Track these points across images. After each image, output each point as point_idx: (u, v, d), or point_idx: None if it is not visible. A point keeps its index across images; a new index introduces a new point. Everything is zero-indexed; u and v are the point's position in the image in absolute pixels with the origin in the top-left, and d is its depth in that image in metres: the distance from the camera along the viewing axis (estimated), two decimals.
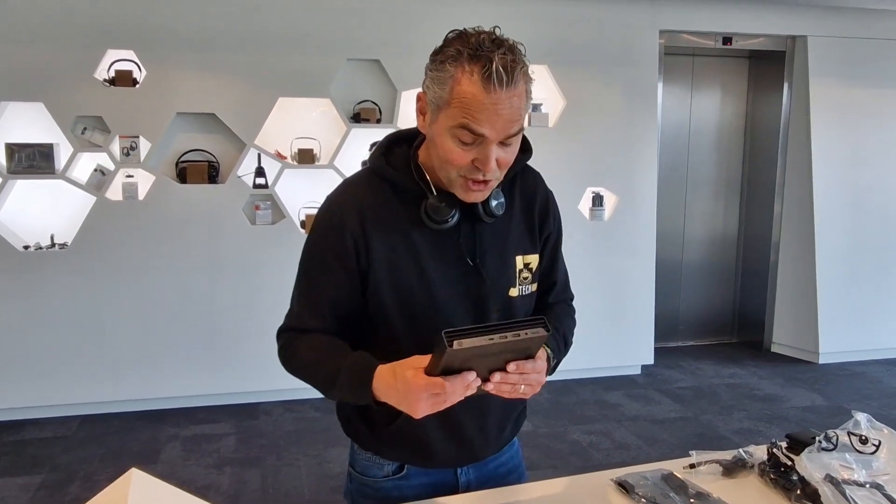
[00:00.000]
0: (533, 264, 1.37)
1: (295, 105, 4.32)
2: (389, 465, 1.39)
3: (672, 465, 1.45)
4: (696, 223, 5.65)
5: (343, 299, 1.29)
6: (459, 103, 1.12)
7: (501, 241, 1.33)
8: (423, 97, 1.20)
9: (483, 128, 1.13)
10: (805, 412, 4.20)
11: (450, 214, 1.24)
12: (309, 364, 1.29)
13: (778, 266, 5.36)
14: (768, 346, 5.44)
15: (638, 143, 4.79)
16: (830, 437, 1.37)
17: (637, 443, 3.74)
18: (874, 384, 4.73)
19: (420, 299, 1.27)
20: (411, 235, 1.27)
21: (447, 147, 1.17)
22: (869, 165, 5.14)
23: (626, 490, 1.35)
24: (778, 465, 1.37)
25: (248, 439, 3.75)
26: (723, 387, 4.64)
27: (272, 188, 4.22)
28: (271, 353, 1.46)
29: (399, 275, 1.27)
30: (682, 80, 5.44)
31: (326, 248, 1.28)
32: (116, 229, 4.03)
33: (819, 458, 1.33)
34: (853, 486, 1.28)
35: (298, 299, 1.33)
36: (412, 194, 1.27)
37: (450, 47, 1.14)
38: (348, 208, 1.27)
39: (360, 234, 1.26)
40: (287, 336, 1.34)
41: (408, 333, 1.29)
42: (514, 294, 1.34)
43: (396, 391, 1.13)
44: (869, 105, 5.11)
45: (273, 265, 4.19)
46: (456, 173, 1.19)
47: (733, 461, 1.44)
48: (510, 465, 1.50)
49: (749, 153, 5.62)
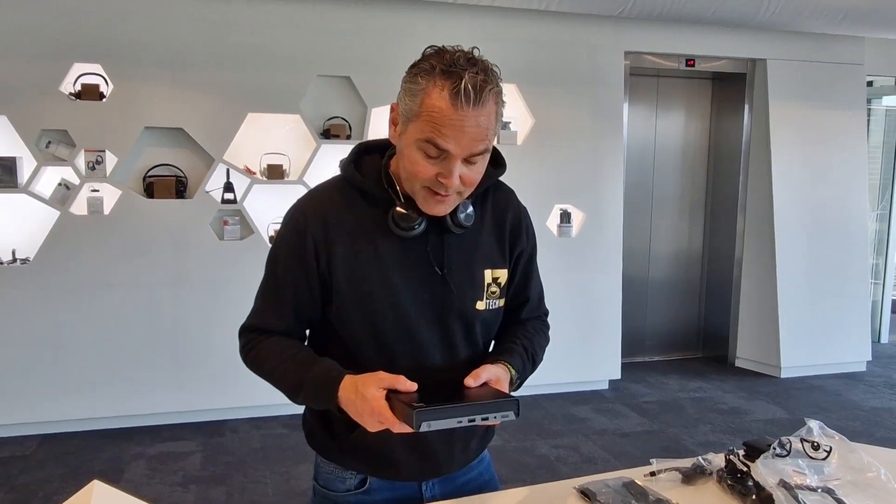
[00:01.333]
0: (502, 279, 1.38)
1: (265, 120, 4.33)
2: (352, 478, 1.39)
3: (633, 473, 1.48)
4: (662, 240, 5.75)
5: (304, 302, 1.32)
6: (428, 117, 1.15)
7: (469, 253, 1.34)
8: (395, 108, 1.23)
9: (448, 143, 1.15)
10: (767, 425, 4.28)
11: (416, 222, 1.26)
12: (274, 368, 1.31)
13: (741, 282, 5.47)
14: (732, 360, 5.54)
15: (605, 161, 4.88)
16: (784, 443, 1.42)
17: (604, 456, 3.78)
18: (833, 397, 4.84)
19: (382, 306, 1.29)
20: (377, 242, 1.29)
21: (413, 158, 1.19)
22: (827, 184, 5.29)
23: (588, 497, 1.37)
24: (735, 471, 1.41)
25: (214, 457, 3.70)
26: (688, 400, 4.71)
27: (241, 203, 4.21)
28: (238, 370, 1.46)
29: (361, 280, 1.28)
30: (648, 100, 5.56)
31: (289, 251, 1.30)
32: (81, 244, 3.98)
33: (773, 463, 1.37)
34: (806, 490, 1.32)
35: (263, 300, 1.36)
36: (381, 202, 1.29)
37: (425, 62, 1.18)
38: (312, 213, 1.30)
39: (321, 238, 1.28)
40: (249, 336, 1.36)
41: (369, 342, 1.30)
42: (480, 307, 1.35)
43: (355, 406, 1.17)
44: (826, 126, 5.27)
45: (240, 281, 4.16)
46: (419, 185, 1.22)
47: (692, 468, 1.48)
48: (481, 481, 1.50)
49: (712, 171, 5.75)
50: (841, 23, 4.51)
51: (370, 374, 1.18)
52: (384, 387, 1.15)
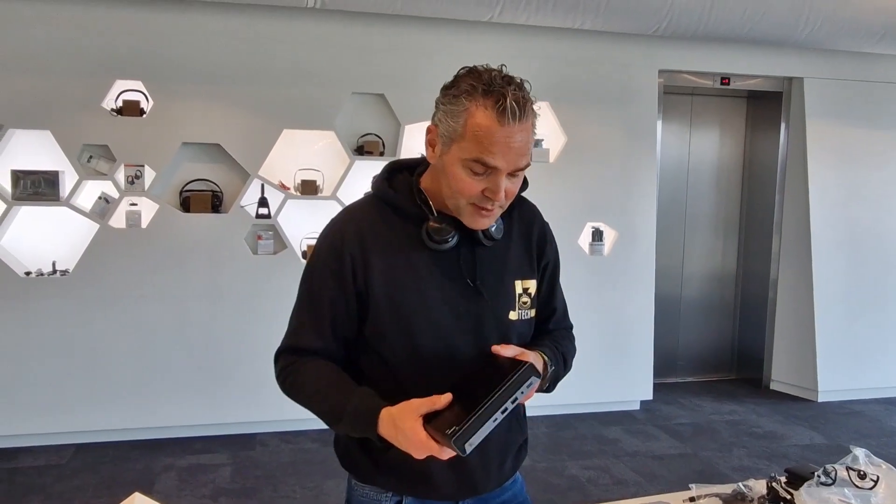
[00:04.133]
0: (532, 290, 1.40)
1: (299, 137, 4.38)
2: (387, 500, 1.38)
3: (672, 499, 1.46)
4: (695, 259, 5.67)
5: (341, 320, 1.32)
6: (473, 136, 1.17)
7: (500, 265, 1.36)
8: (433, 130, 1.25)
9: (495, 160, 1.18)
10: (805, 450, 4.18)
11: (450, 234, 1.29)
12: (311, 395, 1.31)
13: (776, 303, 5.37)
14: (767, 383, 5.43)
15: (637, 179, 4.84)
16: (829, 471, 1.38)
17: (636, 479, 3.72)
18: (873, 423, 4.71)
19: (419, 319, 1.30)
20: (411, 256, 1.30)
21: (459, 177, 1.21)
22: (865, 204, 5.19)
23: None
24: (777, 499, 1.38)
25: (245, 470, 3.72)
26: (722, 423, 4.62)
27: (274, 218, 4.26)
28: (269, 384, 1.47)
29: (398, 295, 1.29)
30: (681, 119, 5.51)
31: (325, 269, 1.32)
32: (118, 257, 4.05)
33: (818, 492, 1.33)
34: None
35: (298, 319, 1.36)
36: (413, 217, 1.31)
37: (463, 82, 1.20)
38: (348, 230, 1.31)
39: (358, 254, 1.29)
40: (286, 358, 1.36)
41: (406, 356, 1.30)
42: (513, 318, 1.36)
43: (398, 441, 1.19)
44: (864, 145, 5.18)
45: (273, 295, 4.20)
46: (465, 201, 1.24)
47: (733, 495, 1.45)
48: (515, 503, 1.48)
49: (747, 191, 5.68)
50: (879, 41, 4.44)
51: (404, 404, 1.18)
52: (421, 414, 1.16)
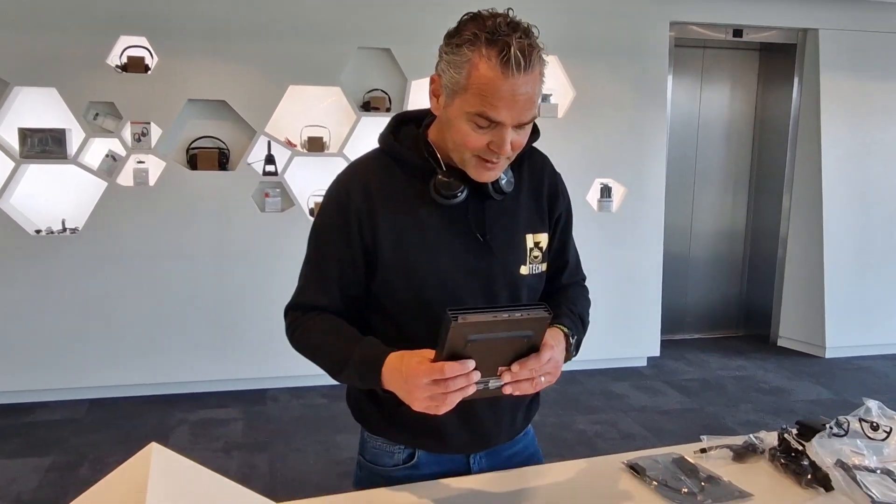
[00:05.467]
0: (543, 243, 1.37)
1: (305, 93, 4.33)
2: (400, 452, 1.39)
3: (683, 450, 1.47)
4: (704, 216, 5.64)
5: (349, 277, 1.31)
6: (477, 89, 1.13)
7: (510, 218, 1.34)
8: (437, 80, 1.21)
9: (500, 115, 1.14)
10: (811, 405, 4.20)
11: (459, 189, 1.26)
12: (318, 346, 1.31)
13: (785, 260, 5.35)
14: (775, 339, 5.44)
15: (647, 135, 4.78)
16: (842, 423, 1.38)
17: (643, 433, 3.76)
18: (881, 379, 4.73)
19: (428, 275, 1.28)
20: (419, 212, 1.28)
21: (463, 130, 1.18)
22: (878, 160, 5.12)
23: (638, 472, 1.36)
24: (789, 450, 1.38)
25: (256, 425, 3.78)
26: (729, 379, 4.65)
27: (281, 176, 4.24)
28: (279, 340, 1.47)
29: (406, 251, 1.27)
30: (692, 73, 5.42)
31: (332, 226, 1.30)
32: (127, 215, 4.05)
33: (830, 443, 1.34)
34: (864, 471, 1.29)
35: (306, 276, 1.35)
36: (421, 171, 1.28)
37: (466, 30, 1.15)
38: (354, 187, 1.29)
39: (365, 211, 1.27)
40: (294, 314, 1.35)
41: (415, 312, 1.29)
42: (524, 272, 1.35)
43: (400, 375, 1.14)
44: (879, 99, 5.08)
45: (281, 252, 4.21)
46: (470, 154, 1.21)
47: (744, 446, 1.45)
48: (526, 454, 1.49)
49: (758, 147, 5.61)
50: None
51: (416, 350, 1.15)
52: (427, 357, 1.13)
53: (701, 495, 1.28)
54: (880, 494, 1.23)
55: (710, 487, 1.31)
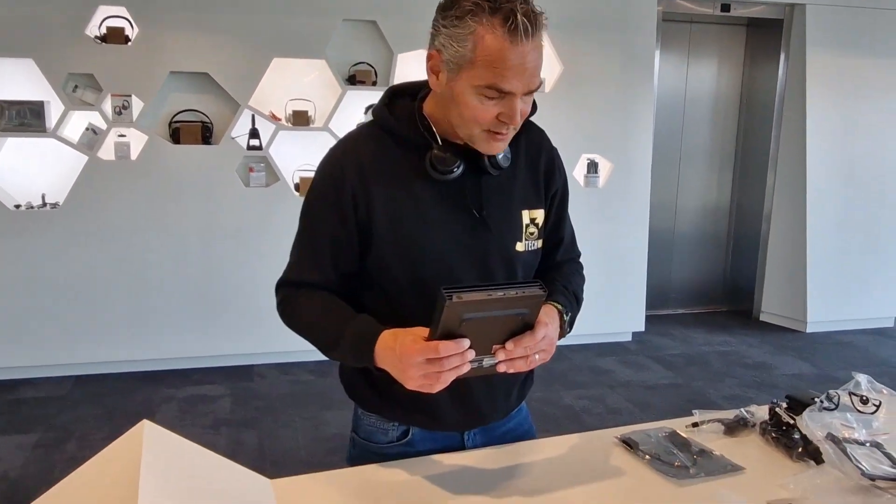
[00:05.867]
0: (539, 220, 1.36)
1: (290, 66, 4.26)
2: (394, 429, 1.38)
3: (675, 424, 1.48)
4: (690, 192, 5.66)
5: (342, 253, 1.29)
6: (485, 61, 1.10)
7: (507, 194, 1.32)
8: (436, 56, 1.17)
9: (510, 84, 1.11)
10: (794, 380, 4.26)
11: (455, 164, 1.24)
12: (311, 323, 1.29)
13: (769, 236, 5.39)
14: (757, 314, 5.50)
15: (634, 110, 4.77)
16: (832, 396, 1.40)
17: (629, 408, 3.79)
18: (861, 353, 4.81)
19: (423, 251, 1.26)
20: (414, 187, 1.26)
21: (471, 105, 1.15)
22: (863, 137, 5.15)
23: (631, 447, 1.37)
24: (779, 424, 1.39)
25: (244, 401, 3.77)
26: (713, 354, 4.70)
27: (266, 150, 4.18)
28: (266, 315, 1.45)
29: (401, 226, 1.25)
30: (679, 48, 5.40)
31: (325, 201, 1.27)
32: (108, 189, 3.99)
33: (820, 417, 1.35)
34: (854, 444, 1.30)
35: (298, 252, 1.33)
36: (416, 146, 1.26)
37: (464, 1, 1.11)
38: (348, 161, 1.26)
39: (359, 186, 1.24)
40: (286, 291, 1.33)
41: (410, 289, 1.28)
42: (520, 249, 1.33)
43: (394, 353, 1.13)
44: (865, 76, 5.10)
45: (266, 227, 4.17)
46: (479, 129, 1.18)
47: (735, 420, 1.47)
48: (520, 431, 1.49)
49: (744, 123, 5.62)
50: None
51: (410, 328, 1.14)
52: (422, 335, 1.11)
53: (693, 469, 1.29)
54: (870, 467, 1.24)
55: (702, 461, 1.32)
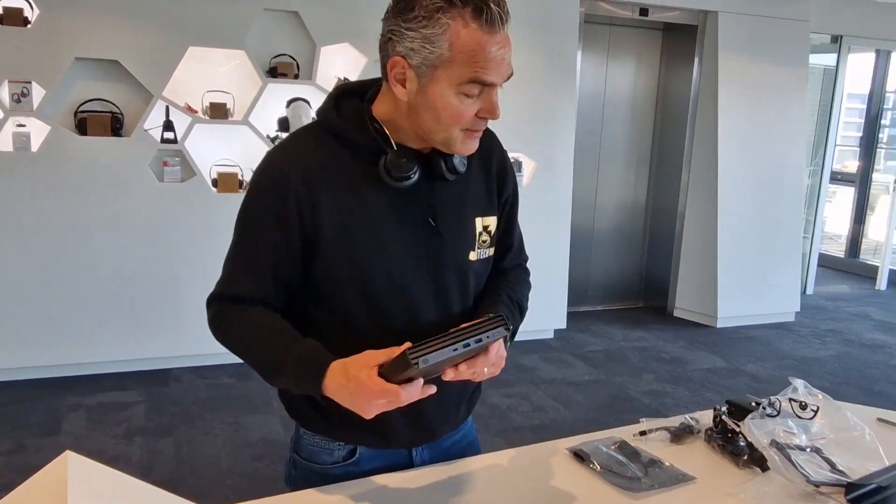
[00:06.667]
0: (491, 227, 1.32)
1: (207, 56, 4.07)
2: (340, 449, 1.31)
3: (623, 433, 1.48)
4: (608, 191, 5.79)
5: (284, 266, 1.20)
6: (464, 57, 1.06)
7: (459, 202, 1.27)
8: (400, 62, 1.10)
9: (492, 76, 1.08)
10: (707, 374, 4.43)
11: (412, 170, 1.17)
12: (249, 345, 1.21)
13: (683, 234, 5.58)
14: (671, 310, 5.70)
15: (557, 110, 4.83)
16: (773, 403, 1.43)
17: (554, 405, 3.84)
18: (766, 346, 5.05)
19: (375, 263, 1.20)
20: (365, 194, 1.19)
21: (451, 106, 1.10)
22: (769, 140, 5.40)
23: (583, 459, 1.35)
24: (724, 431, 1.42)
25: (159, 407, 3.58)
26: (631, 350, 4.82)
27: (182, 143, 3.99)
28: (182, 316, 1.36)
29: (350, 237, 1.18)
30: (599, 50, 5.51)
31: (266, 209, 1.18)
32: (7, 184, 3.70)
33: (764, 424, 1.37)
34: (796, 450, 1.33)
35: (234, 264, 1.23)
36: (366, 150, 1.19)
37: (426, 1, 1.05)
38: (292, 166, 1.17)
39: (304, 193, 1.16)
40: (219, 306, 1.23)
41: (360, 303, 1.21)
42: (472, 258, 1.29)
43: (348, 392, 1.07)
44: (771, 82, 5.35)
45: (182, 225, 3.98)
46: (458, 130, 1.13)
47: (681, 428, 1.48)
48: (465, 443, 1.46)
49: (660, 124, 5.79)
50: None
51: (358, 355, 1.08)
52: (376, 364, 1.06)
53: (646, 479, 1.29)
54: (813, 473, 1.27)
55: (653, 471, 1.32)
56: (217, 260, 1.26)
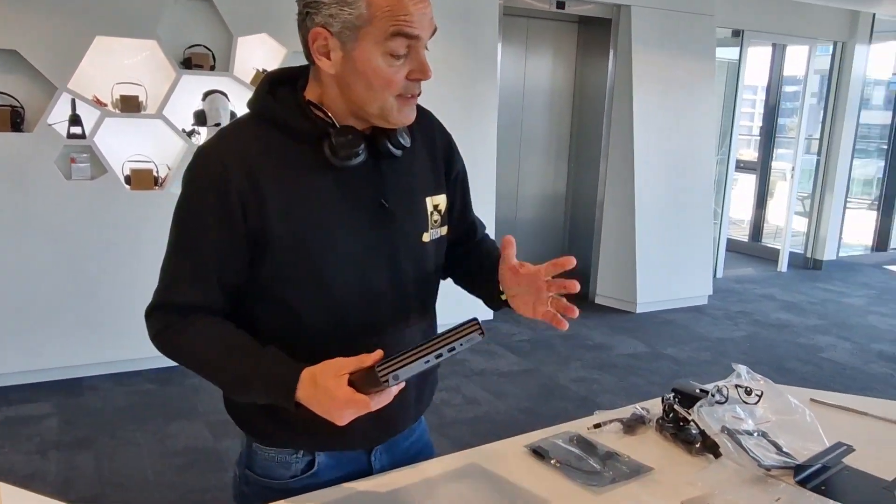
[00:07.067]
0: (442, 206, 1.30)
1: (116, 46, 3.86)
2: (297, 462, 1.27)
3: (577, 427, 1.49)
4: (529, 182, 5.87)
5: (229, 267, 1.14)
6: (384, 12, 1.05)
7: (408, 181, 1.24)
8: (322, 33, 1.08)
9: (416, 25, 1.06)
10: (630, 359, 4.56)
11: (359, 147, 1.13)
12: (207, 360, 1.14)
13: (602, 223, 5.72)
14: (593, 297, 5.84)
15: (480, 102, 4.84)
16: (721, 389, 1.47)
17: (487, 397, 3.86)
18: (684, 329, 5.25)
19: (329, 254, 1.16)
20: (312, 181, 1.14)
21: (379, 70, 1.08)
22: (681, 131, 5.60)
23: (542, 456, 1.35)
24: (676, 419, 1.45)
25: (75, 419, 3.38)
26: (557, 338, 4.91)
27: (90, 139, 3.76)
28: (93, 323, 1.28)
29: (302, 228, 1.13)
30: (518, 42, 5.56)
31: (207, 208, 1.12)
32: None
33: (713, 411, 1.41)
34: (745, 435, 1.38)
35: (175, 269, 1.16)
36: (307, 136, 1.14)
37: None
38: (231, 158, 1.11)
39: (247, 186, 1.10)
40: (164, 317, 1.16)
41: (315, 299, 1.17)
42: (426, 240, 1.27)
43: (318, 402, 1.04)
44: (681, 74, 5.54)
45: (94, 225, 3.76)
46: (391, 96, 1.11)
47: (633, 418, 1.50)
48: (421, 444, 1.45)
49: (578, 115, 5.91)
50: None
51: (327, 363, 1.04)
52: (345, 372, 1.02)
53: (606, 473, 1.30)
54: (763, 457, 1.31)
55: (611, 464, 1.34)
56: (134, 260, 1.19)
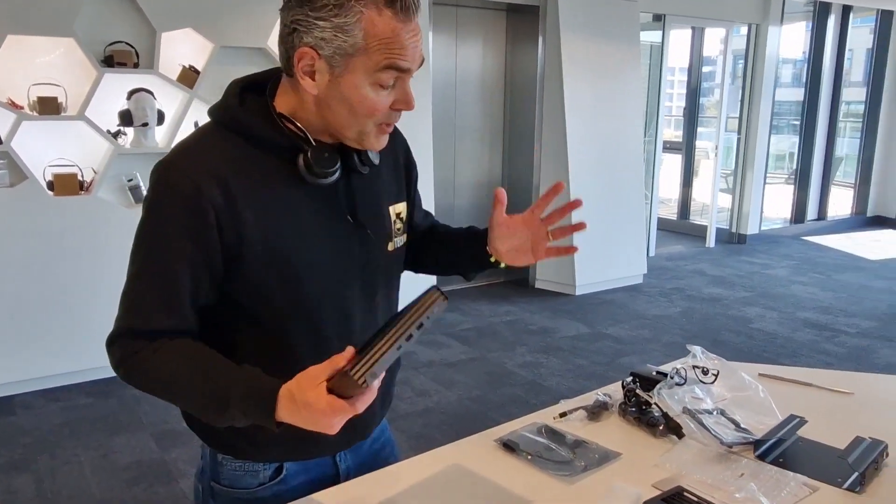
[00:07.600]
0: (402, 213, 1.31)
1: (30, 44, 3.66)
2: (265, 469, 1.24)
3: (543, 417, 1.50)
4: (465, 169, 5.90)
5: (201, 289, 1.09)
6: (379, 44, 1.02)
7: (373, 192, 1.24)
8: (310, 53, 1.04)
9: (406, 61, 1.05)
10: (574, 340, 4.65)
11: (335, 165, 1.12)
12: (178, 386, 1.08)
13: None
14: (533, 283, 5.92)
15: (412, 91, 4.80)
16: (680, 371, 1.51)
17: (436, 388, 3.87)
18: (622, 308, 5.38)
19: (304, 270, 1.13)
20: (287, 196, 1.11)
21: (365, 97, 1.06)
22: (610, 114, 5.72)
23: (513, 449, 1.36)
24: (638, 403, 1.48)
25: (9, 440, 3.22)
26: (501, 324, 4.96)
27: (7, 144, 3.57)
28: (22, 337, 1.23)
29: (278, 243, 1.10)
30: (448, 31, 5.55)
31: (179, 229, 1.05)
32: None
33: (673, 393, 1.45)
34: (705, 414, 1.42)
35: (141, 293, 1.09)
36: (280, 149, 1.11)
37: None
38: (202, 173, 1.05)
39: (223, 202, 1.05)
40: (131, 344, 1.08)
41: (292, 314, 1.15)
42: (390, 249, 1.27)
43: (303, 419, 0.99)
44: (608, 59, 5.65)
45: (15, 234, 3.57)
46: (373, 123, 1.09)
47: (596, 405, 1.53)
48: (382, 440, 1.44)
49: (510, 102, 5.95)
50: None
51: (300, 375, 0.99)
52: (322, 381, 0.98)
53: (577, 462, 1.32)
54: (724, 434, 1.36)
55: (581, 452, 1.36)
56: (61, 270, 1.13)
